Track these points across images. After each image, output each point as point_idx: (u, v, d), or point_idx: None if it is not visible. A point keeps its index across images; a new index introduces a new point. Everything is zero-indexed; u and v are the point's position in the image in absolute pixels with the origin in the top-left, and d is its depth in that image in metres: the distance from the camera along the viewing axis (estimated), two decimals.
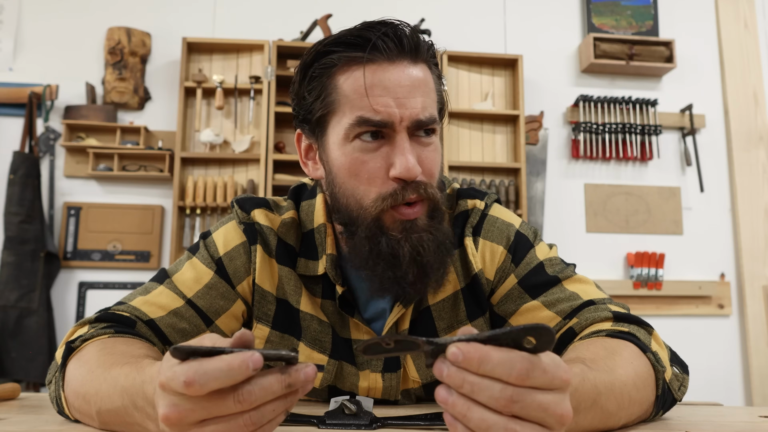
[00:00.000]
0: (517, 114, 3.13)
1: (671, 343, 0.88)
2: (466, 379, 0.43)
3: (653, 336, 0.75)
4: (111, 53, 3.05)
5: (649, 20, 3.42)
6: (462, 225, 0.88)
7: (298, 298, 0.86)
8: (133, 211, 3.00)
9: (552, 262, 0.86)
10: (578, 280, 0.84)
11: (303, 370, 0.47)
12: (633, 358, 0.67)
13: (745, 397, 3.18)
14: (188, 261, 0.87)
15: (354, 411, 0.63)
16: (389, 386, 0.86)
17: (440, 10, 3.33)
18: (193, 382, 0.43)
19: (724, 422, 0.71)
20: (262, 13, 3.24)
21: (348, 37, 0.76)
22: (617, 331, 0.73)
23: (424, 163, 0.76)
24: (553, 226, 3.21)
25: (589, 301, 0.80)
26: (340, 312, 0.85)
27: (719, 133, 3.41)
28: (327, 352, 0.85)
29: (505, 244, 0.87)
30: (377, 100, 0.73)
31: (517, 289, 0.84)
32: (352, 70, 0.75)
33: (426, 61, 0.79)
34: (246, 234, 0.87)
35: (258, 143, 3.04)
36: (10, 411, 0.74)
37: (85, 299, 2.94)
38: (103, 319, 0.78)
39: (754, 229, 3.28)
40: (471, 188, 0.92)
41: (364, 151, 0.75)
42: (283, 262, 0.86)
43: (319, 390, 0.88)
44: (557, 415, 0.44)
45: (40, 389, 2.78)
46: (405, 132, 0.74)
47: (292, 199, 0.91)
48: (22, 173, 2.85)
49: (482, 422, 0.43)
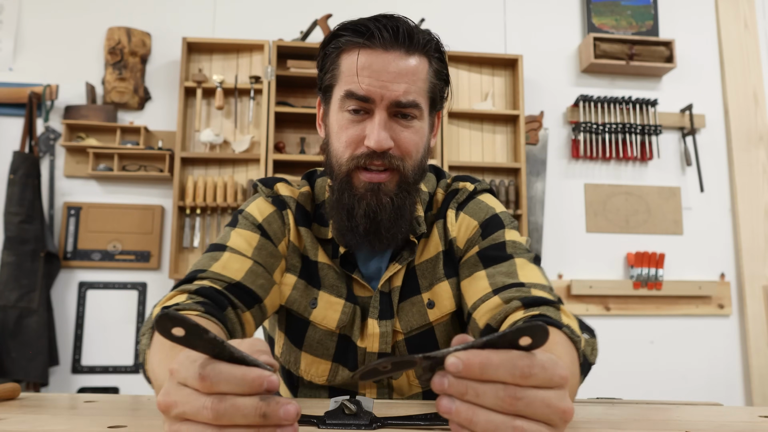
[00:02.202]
0: (517, 114, 3.13)
1: (671, 342, 0.88)
2: (469, 386, 0.43)
3: (561, 310, 0.81)
4: (111, 53, 3.05)
5: (649, 20, 3.42)
6: (449, 200, 1.01)
7: (315, 252, 0.98)
8: (133, 211, 3.01)
9: (515, 245, 0.93)
10: (526, 265, 0.90)
11: (284, 405, 0.43)
12: (555, 336, 0.71)
13: (745, 397, 3.19)
14: (233, 231, 0.96)
15: (354, 411, 0.63)
16: (385, 332, 0.95)
17: (440, 9, 3.33)
18: (207, 377, 0.43)
19: (724, 422, 0.71)
20: (262, 13, 3.24)
21: (356, 24, 0.89)
22: (530, 317, 0.77)
23: (401, 141, 0.88)
24: (553, 226, 3.21)
25: (519, 283, 0.86)
26: (343, 270, 0.97)
27: (719, 133, 3.41)
28: (343, 297, 0.96)
29: (480, 220, 0.97)
30: (363, 79, 0.86)
31: (474, 258, 0.93)
32: (353, 52, 0.88)
33: (425, 54, 0.89)
34: (275, 204, 0.99)
35: (258, 143, 3.04)
36: (10, 411, 0.74)
37: (85, 299, 2.94)
38: (201, 293, 0.83)
39: (754, 229, 3.28)
40: (467, 175, 1.06)
41: (349, 121, 0.88)
42: (302, 224, 0.99)
43: (332, 335, 0.96)
44: (560, 411, 0.45)
45: (40, 389, 2.78)
46: (384, 111, 0.86)
47: (305, 179, 1.06)
48: (22, 173, 2.85)
49: (489, 423, 0.43)
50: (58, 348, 2.86)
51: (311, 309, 0.96)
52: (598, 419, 0.71)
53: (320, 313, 0.96)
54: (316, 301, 0.96)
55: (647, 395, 3.05)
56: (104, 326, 2.93)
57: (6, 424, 0.66)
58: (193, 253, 2.94)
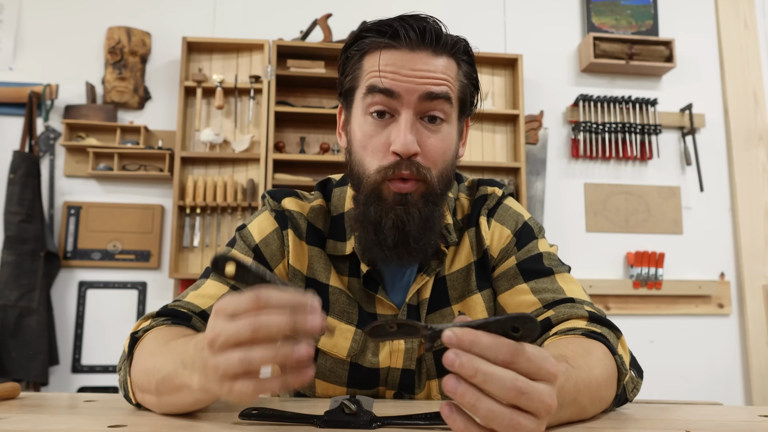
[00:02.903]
0: (517, 113, 3.13)
1: (671, 342, 0.89)
2: (479, 368, 0.45)
3: (620, 340, 0.81)
4: (111, 53, 3.05)
5: (649, 20, 3.42)
6: (480, 206, 0.97)
7: (327, 274, 0.93)
8: (133, 211, 3.01)
9: (551, 256, 0.93)
10: (568, 279, 0.90)
11: (311, 314, 0.49)
12: (604, 359, 0.73)
13: (745, 397, 3.19)
14: None
15: (354, 410, 0.63)
16: (410, 347, 0.90)
17: (440, 9, 3.32)
18: (260, 298, 0.48)
19: (724, 422, 0.71)
20: (262, 13, 3.24)
21: (380, 25, 0.84)
22: (591, 331, 0.78)
23: (427, 147, 0.82)
24: (553, 225, 3.21)
25: (570, 299, 0.86)
26: (365, 289, 0.92)
27: (719, 132, 3.41)
28: (354, 323, 0.91)
29: (513, 229, 0.94)
30: (386, 74, 0.81)
31: (513, 270, 0.91)
32: (376, 52, 0.83)
33: (453, 56, 0.85)
34: (278, 221, 0.95)
35: (258, 143, 3.04)
36: (10, 411, 0.74)
37: (85, 299, 2.94)
38: (162, 314, 0.84)
39: (754, 228, 3.28)
40: (489, 179, 1.03)
41: (373, 126, 0.83)
42: (313, 243, 0.94)
43: (343, 363, 0.92)
44: (548, 405, 0.47)
45: (40, 389, 2.78)
46: (411, 111, 0.81)
47: (318, 190, 1.00)
48: (22, 173, 2.85)
49: (490, 412, 0.45)
50: (58, 347, 2.86)
51: (319, 336, 0.93)
52: (598, 418, 0.71)
53: (329, 341, 0.91)
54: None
55: (647, 395, 3.04)
56: (104, 326, 2.93)
57: (6, 423, 0.66)
58: (193, 253, 2.94)
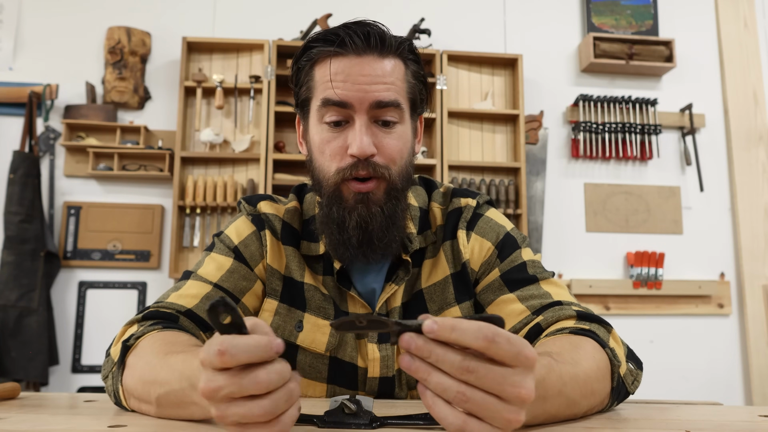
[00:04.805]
0: (517, 113, 3.13)
1: (671, 342, 0.89)
2: (432, 350, 0.48)
3: (611, 334, 0.82)
4: (111, 53, 3.05)
5: (649, 20, 3.42)
6: (456, 219, 0.98)
7: (302, 272, 0.96)
8: (133, 211, 3.01)
9: (534, 264, 0.94)
10: (553, 283, 0.92)
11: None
12: (594, 353, 0.73)
13: (745, 397, 3.19)
14: (207, 257, 0.96)
15: (354, 410, 0.63)
16: (386, 356, 0.92)
17: (440, 9, 3.33)
18: (225, 352, 0.49)
19: (724, 422, 0.71)
20: (262, 13, 3.24)
21: (326, 34, 0.87)
22: (579, 328, 0.79)
23: (384, 147, 0.86)
24: (553, 225, 3.21)
25: (557, 302, 0.87)
26: (338, 287, 0.94)
27: (719, 132, 3.41)
28: (330, 319, 0.93)
29: (494, 241, 0.96)
30: (338, 84, 0.84)
31: (498, 281, 0.93)
32: (325, 61, 0.87)
33: (399, 56, 0.88)
34: (255, 223, 0.98)
35: (258, 143, 3.04)
36: (10, 411, 0.74)
37: (85, 299, 2.94)
38: (149, 317, 0.84)
39: (754, 228, 3.28)
40: (463, 188, 1.04)
41: (330, 133, 0.87)
42: (288, 242, 0.97)
43: (323, 357, 0.93)
44: (515, 389, 0.48)
45: (40, 389, 2.78)
46: (365, 116, 0.85)
47: (294, 194, 1.03)
48: (22, 173, 2.85)
49: (439, 385, 0.48)
50: (58, 347, 2.86)
51: (297, 333, 0.93)
52: (598, 418, 0.71)
53: (308, 337, 0.93)
54: (301, 324, 0.93)
55: (647, 395, 3.05)
56: (104, 326, 2.93)
57: (6, 423, 0.66)
58: (192, 253, 2.94)
